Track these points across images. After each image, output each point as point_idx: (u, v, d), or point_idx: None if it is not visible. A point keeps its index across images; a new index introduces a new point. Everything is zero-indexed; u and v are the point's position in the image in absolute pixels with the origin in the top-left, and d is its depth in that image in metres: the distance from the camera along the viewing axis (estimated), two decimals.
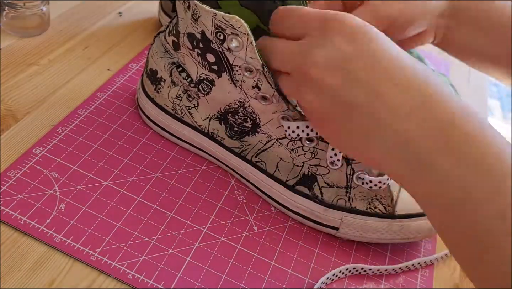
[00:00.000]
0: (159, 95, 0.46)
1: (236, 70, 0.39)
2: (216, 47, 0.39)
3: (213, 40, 0.39)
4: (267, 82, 0.39)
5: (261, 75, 0.38)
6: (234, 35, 0.37)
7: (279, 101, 0.39)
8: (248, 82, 0.39)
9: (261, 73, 0.38)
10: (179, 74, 0.44)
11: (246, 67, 0.39)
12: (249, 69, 0.39)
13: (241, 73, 0.39)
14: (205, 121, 0.45)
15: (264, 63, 0.38)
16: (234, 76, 0.40)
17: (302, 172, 0.42)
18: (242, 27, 0.37)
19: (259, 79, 0.39)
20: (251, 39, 0.37)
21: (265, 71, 0.38)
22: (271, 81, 0.38)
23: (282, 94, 0.39)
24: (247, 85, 0.40)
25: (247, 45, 0.37)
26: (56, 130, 0.46)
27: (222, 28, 0.37)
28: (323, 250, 0.43)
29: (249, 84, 0.39)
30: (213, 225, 0.42)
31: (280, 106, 0.40)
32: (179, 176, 0.45)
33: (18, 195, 0.40)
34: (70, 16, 0.61)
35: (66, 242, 0.38)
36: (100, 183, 0.43)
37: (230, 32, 0.37)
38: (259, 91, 0.39)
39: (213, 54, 0.40)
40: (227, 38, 0.38)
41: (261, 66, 0.38)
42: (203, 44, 0.40)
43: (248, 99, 0.40)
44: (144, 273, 0.38)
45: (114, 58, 0.56)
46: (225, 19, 0.37)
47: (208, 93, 0.42)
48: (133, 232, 0.40)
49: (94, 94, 0.51)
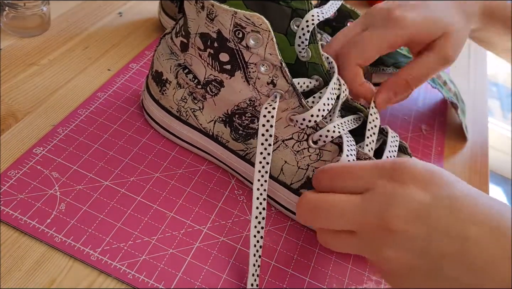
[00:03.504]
0: (164, 97, 0.46)
1: (251, 67, 0.40)
2: (233, 45, 0.39)
3: (230, 39, 0.39)
4: (283, 77, 0.39)
5: (278, 71, 0.39)
6: (254, 33, 0.38)
7: (292, 97, 0.40)
8: (263, 78, 0.40)
9: (278, 69, 0.39)
10: (186, 75, 0.44)
11: (262, 63, 0.39)
12: (265, 66, 0.39)
13: (256, 70, 0.40)
14: (210, 124, 0.45)
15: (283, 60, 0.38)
16: (248, 74, 0.40)
17: (306, 175, 0.42)
18: (263, 24, 0.37)
19: (275, 75, 0.39)
20: (272, 35, 0.38)
21: (282, 67, 0.39)
22: (287, 76, 0.39)
23: (296, 89, 0.39)
24: (261, 82, 0.40)
25: (268, 42, 0.38)
26: (56, 130, 0.46)
27: (242, 26, 0.38)
28: (323, 250, 0.43)
29: (264, 81, 0.40)
30: (213, 225, 0.42)
31: (292, 102, 0.40)
32: (179, 176, 0.45)
33: (18, 195, 0.40)
34: (70, 16, 0.61)
35: (66, 242, 0.38)
36: (101, 183, 0.43)
37: (250, 30, 0.38)
38: (274, 88, 0.40)
39: (227, 53, 0.40)
40: (246, 36, 0.38)
41: (280, 62, 0.38)
42: (218, 43, 0.40)
43: (260, 97, 0.41)
44: (144, 273, 0.38)
45: (114, 58, 0.56)
46: (246, 17, 0.38)
47: (216, 94, 0.43)
48: (133, 232, 0.40)
49: (95, 94, 0.51)
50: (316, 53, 0.41)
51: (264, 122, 0.39)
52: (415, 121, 0.59)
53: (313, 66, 0.41)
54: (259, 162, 0.39)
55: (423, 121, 0.60)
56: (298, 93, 0.40)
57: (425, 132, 0.58)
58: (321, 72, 0.41)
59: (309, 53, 0.41)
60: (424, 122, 0.60)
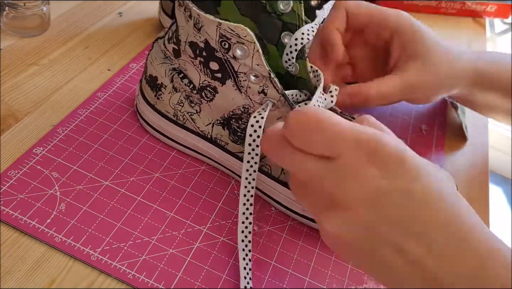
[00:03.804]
0: (160, 102, 0.46)
1: (241, 76, 0.39)
2: (221, 55, 0.39)
3: (217, 49, 0.39)
4: (273, 87, 0.39)
5: (267, 81, 0.39)
6: (239, 44, 0.37)
7: (284, 106, 0.40)
8: (253, 88, 0.39)
9: (267, 79, 0.38)
10: (181, 80, 0.43)
11: (252, 73, 0.39)
12: (255, 75, 0.39)
13: (246, 79, 0.39)
14: (208, 127, 0.44)
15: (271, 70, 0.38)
16: (239, 83, 0.40)
17: None
18: (248, 36, 0.37)
19: (265, 85, 0.39)
20: (257, 47, 0.37)
21: (271, 78, 0.38)
22: (277, 87, 0.39)
23: (287, 99, 0.39)
24: (252, 91, 0.40)
25: (254, 53, 0.37)
26: (56, 130, 0.46)
27: (227, 37, 0.37)
28: (323, 250, 0.43)
29: (255, 90, 0.39)
30: (213, 225, 0.42)
31: (285, 111, 0.40)
32: (179, 176, 0.45)
33: (18, 195, 0.40)
34: (70, 16, 0.61)
35: (66, 242, 0.38)
36: (101, 183, 0.43)
37: (235, 41, 0.37)
38: (265, 97, 0.39)
39: (217, 62, 0.40)
40: (232, 46, 0.38)
41: (268, 73, 0.38)
42: (206, 53, 0.40)
43: (253, 104, 0.40)
44: (144, 273, 0.38)
45: (114, 58, 0.56)
46: (230, 28, 0.37)
47: (212, 100, 0.42)
48: (133, 232, 0.40)
49: (94, 94, 0.51)
50: (303, 69, 0.40)
51: (251, 132, 0.38)
52: (415, 121, 0.59)
53: (301, 81, 0.41)
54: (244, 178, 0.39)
55: (423, 121, 0.60)
56: (290, 103, 0.39)
57: (425, 132, 0.58)
58: (308, 87, 0.41)
59: (297, 67, 0.41)
60: (424, 122, 0.60)
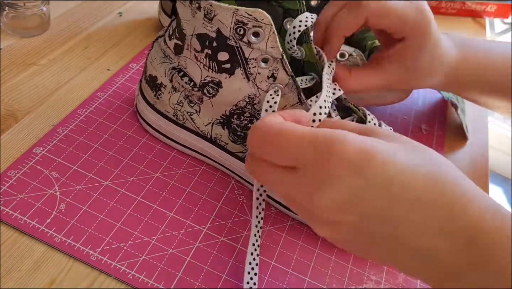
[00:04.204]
0: (160, 102, 0.46)
1: (251, 63, 0.40)
2: (233, 43, 0.39)
3: (230, 37, 0.39)
4: (283, 69, 0.40)
5: (278, 64, 0.39)
6: (257, 28, 0.38)
7: (291, 91, 0.40)
8: (263, 73, 0.40)
9: (278, 62, 0.39)
10: (181, 78, 0.43)
11: (263, 58, 0.39)
12: (265, 60, 0.40)
13: (256, 65, 0.40)
14: (208, 127, 0.44)
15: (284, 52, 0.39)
16: (248, 70, 0.40)
17: None
18: (265, 19, 0.38)
19: (275, 68, 0.40)
20: (273, 29, 0.38)
21: (283, 59, 0.39)
22: (287, 68, 0.39)
23: (295, 81, 0.40)
24: (261, 78, 0.40)
25: (270, 35, 0.38)
26: (56, 130, 0.46)
27: (243, 22, 0.38)
28: (323, 250, 0.43)
29: (264, 75, 0.40)
30: (213, 225, 0.42)
31: (291, 98, 0.40)
32: (179, 176, 0.45)
33: (18, 195, 0.40)
34: (70, 16, 0.61)
35: (66, 242, 0.38)
36: (100, 183, 0.43)
37: (252, 26, 0.38)
38: (274, 82, 0.40)
39: (227, 52, 0.40)
40: (247, 32, 0.39)
41: (281, 54, 0.39)
42: (217, 42, 0.40)
43: (259, 93, 0.41)
44: (144, 273, 0.38)
45: (114, 58, 0.56)
46: (247, 13, 0.38)
47: (214, 95, 0.43)
48: (133, 232, 0.40)
49: (94, 94, 0.51)
50: (310, 53, 0.41)
51: (267, 108, 0.39)
52: (415, 121, 0.59)
53: (308, 65, 0.42)
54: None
55: (423, 121, 0.60)
56: (297, 85, 0.40)
57: (425, 132, 0.58)
58: (317, 70, 0.42)
59: (302, 51, 0.41)
60: (424, 122, 0.60)
